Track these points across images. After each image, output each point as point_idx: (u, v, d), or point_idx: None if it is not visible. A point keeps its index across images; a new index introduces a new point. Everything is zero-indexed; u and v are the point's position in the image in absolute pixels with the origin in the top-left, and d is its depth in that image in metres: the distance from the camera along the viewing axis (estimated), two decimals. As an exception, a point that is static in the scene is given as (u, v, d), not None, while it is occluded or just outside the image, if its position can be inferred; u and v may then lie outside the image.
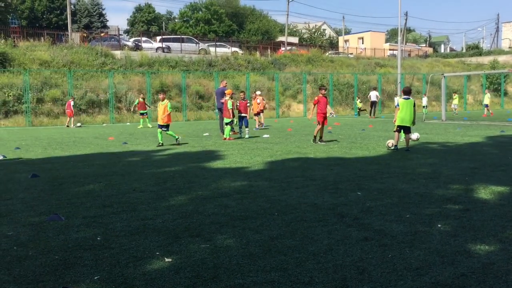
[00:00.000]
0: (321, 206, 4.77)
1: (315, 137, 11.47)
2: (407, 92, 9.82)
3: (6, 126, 23.37)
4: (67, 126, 22.25)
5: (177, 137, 11.82)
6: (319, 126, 11.32)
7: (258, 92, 18.98)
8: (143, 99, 22.20)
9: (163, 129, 11.64)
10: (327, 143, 11.22)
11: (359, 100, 30.09)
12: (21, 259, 3.33)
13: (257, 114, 18.45)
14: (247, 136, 13.50)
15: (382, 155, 8.96)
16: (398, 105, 9.77)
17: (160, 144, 11.57)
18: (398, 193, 5.36)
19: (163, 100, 11.85)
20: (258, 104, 18.26)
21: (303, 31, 63.74)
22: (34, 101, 24.86)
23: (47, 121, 24.85)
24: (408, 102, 9.62)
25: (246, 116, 13.79)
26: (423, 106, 30.03)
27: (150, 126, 21.04)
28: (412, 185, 5.80)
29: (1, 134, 17.63)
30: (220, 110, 14.22)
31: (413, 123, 9.68)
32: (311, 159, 8.54)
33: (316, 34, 62.82)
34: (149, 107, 22.79)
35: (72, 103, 22.43)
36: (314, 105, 11.67)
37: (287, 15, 49.87)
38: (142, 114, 21.54)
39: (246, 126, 13.72)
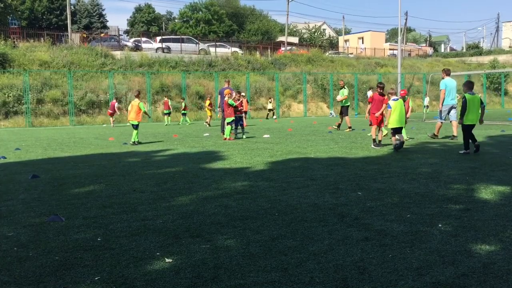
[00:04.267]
0: (322, 206, 4.77)
1: (374, 140, 10.30)
2: (393, 93, 9.95)
3: (6, 127, 23.40)
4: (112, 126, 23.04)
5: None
6: (373, 127, 10.40)
7: (243, 94, 19.47)
8: (169, 99, 24.39)
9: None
10: (381, 147, 10.11)
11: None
12: (21, 260, 3.32)
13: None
14: (244, 136, 13.52)
15: (383, 155, 8.96)
16: (389, 107, 9.55)
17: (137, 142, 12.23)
18: (399, 193, 5.35)
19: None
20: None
21: (303, 31, 63.70)
22: (34, 101, 24.88)
23: (47, 122, 24.87)
24: (399, 102, 9.61)
25: (242, 117, 13.87)
26: (424, 106, 30.00)
27: (167, 124, 22.69)
28: (412, 185, 5.80)
29: (1, 135, 17.63)
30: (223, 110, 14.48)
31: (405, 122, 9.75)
32: (311, 159, 8.54)
33: (316, 34, 62.77)
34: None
35: (116, 104, 23.31)
36: (369, 102, 10.59)
37: (287, 15, 49.86)
38: (166, 113, 23.38)
39: (242, 127, 13.81)
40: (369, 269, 3.01)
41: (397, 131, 9.54)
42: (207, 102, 22.27)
